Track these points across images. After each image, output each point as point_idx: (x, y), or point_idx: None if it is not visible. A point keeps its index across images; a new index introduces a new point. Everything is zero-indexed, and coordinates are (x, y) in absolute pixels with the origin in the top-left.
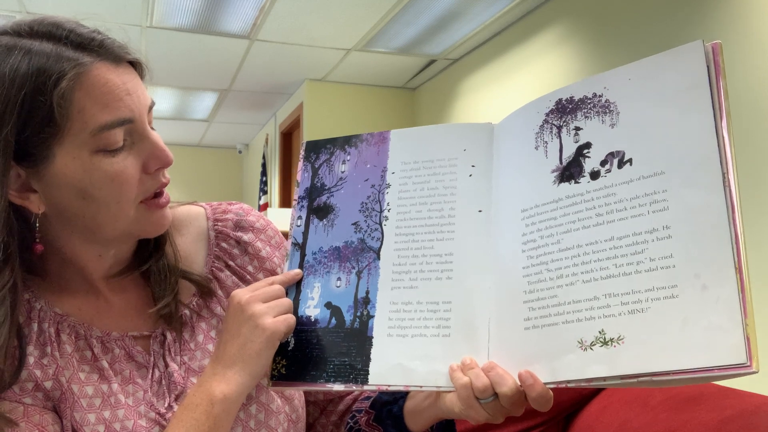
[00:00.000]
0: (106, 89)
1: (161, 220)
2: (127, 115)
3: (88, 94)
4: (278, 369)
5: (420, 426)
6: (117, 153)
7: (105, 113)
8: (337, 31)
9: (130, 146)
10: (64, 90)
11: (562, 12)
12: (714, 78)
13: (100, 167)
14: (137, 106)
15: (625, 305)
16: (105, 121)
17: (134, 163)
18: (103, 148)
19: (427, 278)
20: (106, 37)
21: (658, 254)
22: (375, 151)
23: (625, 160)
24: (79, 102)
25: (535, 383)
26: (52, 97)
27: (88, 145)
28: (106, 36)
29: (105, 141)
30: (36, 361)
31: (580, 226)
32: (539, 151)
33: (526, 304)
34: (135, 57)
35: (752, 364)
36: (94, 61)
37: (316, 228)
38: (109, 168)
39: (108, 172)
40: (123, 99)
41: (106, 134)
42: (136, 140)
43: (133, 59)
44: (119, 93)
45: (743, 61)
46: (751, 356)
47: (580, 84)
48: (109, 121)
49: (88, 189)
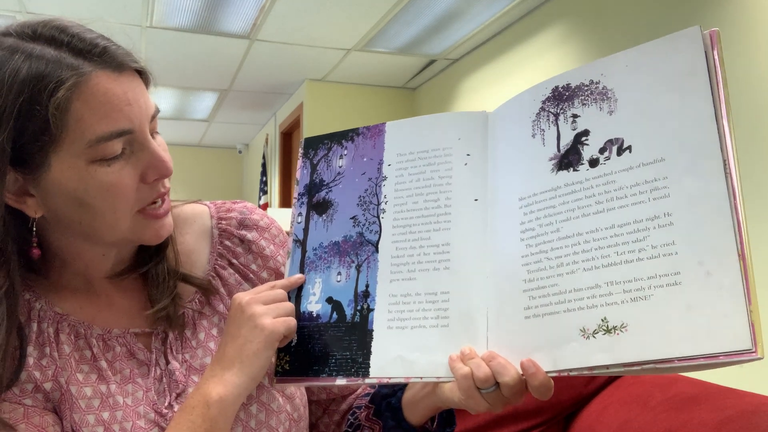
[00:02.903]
0: (105, 99)
1: (159, 230)
2: (126, 126)
3: (87, 104)
4: (282, 365)
5: (418, 416)
6: (113, 162)
7: (103, 124)
8: (337, 31)
9: (129, 155)
10: (60, 100)
11: (562, 12)
12: (712, 65)
13: (95, 176)
14: (137, 116)
15: (627, 293)
16: (102, 132)
17: (131, 173)
18: (100, 157)
19: (425, 269)
20: (111, 43)
21: (660, 241)
22: (371, 144)
23: (624, 147)
24: (77, 112)
25: (538, 372)
26: (48, 107)
27: (85, 154)
28: (111, 42)
29: (102, 151)
30: (35, 362)
31: (579, 214)
32: (536, 138)
33: (526, 293)
34: (140, 65)
35: (757, 350)
36: (95, 70)
37: (316, 224)
38: (105, 178)
39: (103, 181)
40: (123, 109)
41: (103, 145)
42: (136, 150)
43: (138, 67)
44: (119, 103)
45: (744, 61)
46: (756, 342)
47: (576, 71)
48: (106, 133)
49: (83, 197)
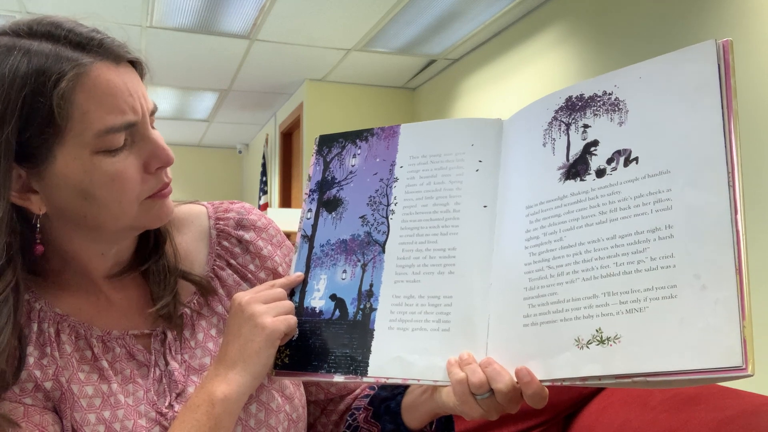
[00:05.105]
0: (108, 91)
1: (163, 209)
2: (133, 118)
3: (91, 95)
4: (282, 359)
5: (416, 421)
6: (117, 153)
7: (111, 116)
8: (337, 31)
9: (131, 146)
10: (64, 91)
11: (562, 12)
12: (724, 77)
13: (100, 167)
14: (140, 106)
15: (623, 304)
16: (112, 124)
17: (135, 162)
18: (105, 148)
19: (430, 272)
20: (106, 36)
21: (659, 254)
22: (385, 145)
23: (631, 159)
24: (82, 104)
25: (532, 380)
26: (52, 98)
27: (90, 145)
28: (106, 35)
29: (109, 142)
30: (36, 362)
31: (583, 223)
32: (547, 147)
33: (526, 301)
34: (135, 56)
35: (748, 367)
36: (94, 62)
37: (325, 221)
38: (110, 168)
39: (108, 172)
40: (126, 100)
41: (111, 136)
42: (137, 140)
43: (133, 58)
44: (122, 95)
45: (744, 61)
46: (747, 359)
47: (591, 82)
48: (116, 125)
49: (89, 189)
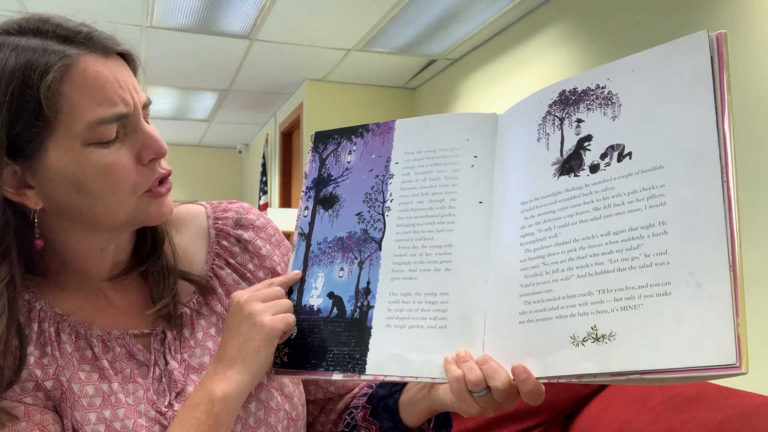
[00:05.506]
0: (97, 83)
1: (162, 207)
2: (124, 110)
3: (79, 87)
4: (281, 357)
5: (414, 418)
6: (109, 145)
7: (102, 108)
8: (337, 31)
9: (123, 138)
10: (51, 82)
11: (562, 12)
12: (717, 70)
13: (93, 159)
14: (131, 98)
15: (618, 301)
16: (102, 115)
17: (127, 154)
18: (96, 140)
19: (426, 269)
20: (94, 29)
21: (654, 250)
22: (380, 141)
23: (624, 154)
24: (71, 95)
25: (528, 378)
26: (40, 91)
27: (81, 137)
28: (94, 29)
29: (100, 134)
30: (36, 361)
31: (577, 220)
32: (541, 143)
33: (522, 298)
34: (124, 48)
35: (741, 365)
36: (82, 54)
37: (322, 218)
38: (102, 159)
39: (101, 163)
40: (117, 92)
41: (102, 128)
42: (130, 132)
43: (122, 50)
44: (111, 86)
45: (744, 62)
46: (740, 357)
47: (583, 75)
48: (106, 116)
49: (82, 182)
